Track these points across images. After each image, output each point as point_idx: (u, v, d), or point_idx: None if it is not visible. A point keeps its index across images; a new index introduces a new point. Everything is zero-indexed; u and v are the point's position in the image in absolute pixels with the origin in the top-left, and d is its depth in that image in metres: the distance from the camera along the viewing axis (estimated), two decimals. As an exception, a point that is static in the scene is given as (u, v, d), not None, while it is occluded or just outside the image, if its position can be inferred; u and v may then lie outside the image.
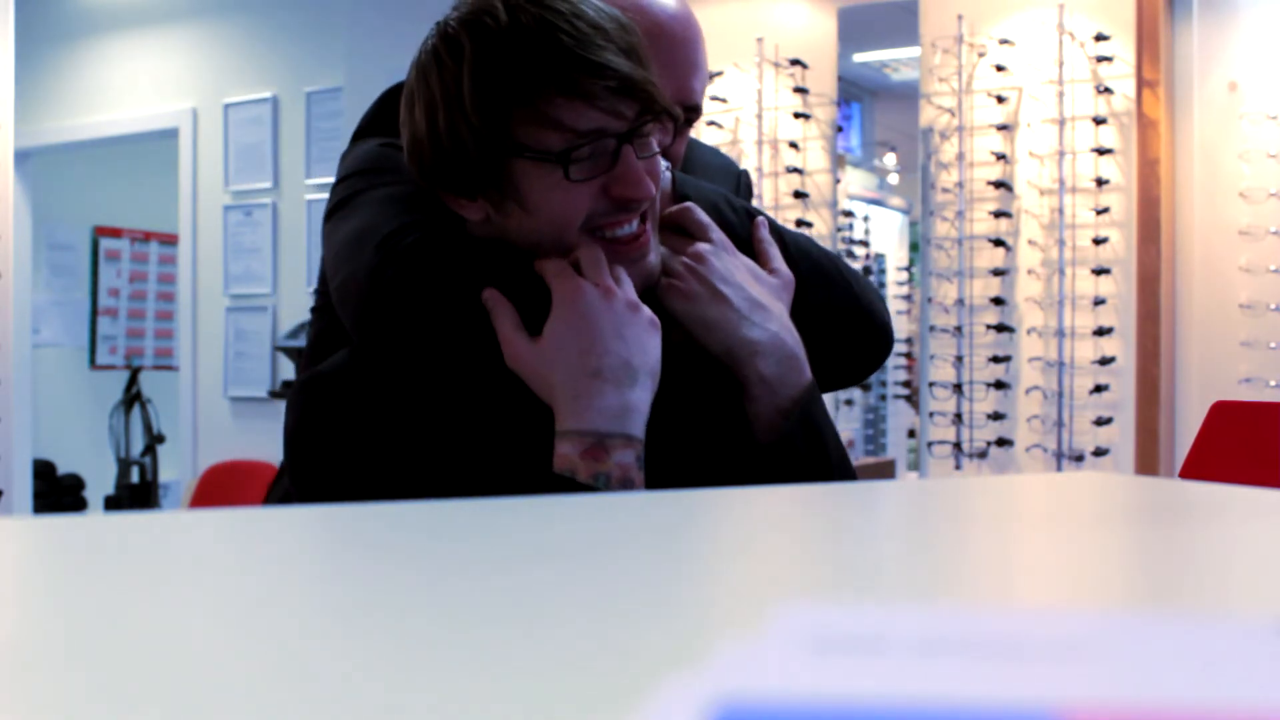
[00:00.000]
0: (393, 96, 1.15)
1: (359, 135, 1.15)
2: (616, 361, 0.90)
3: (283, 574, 0.40)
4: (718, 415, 0.98)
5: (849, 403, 4.61)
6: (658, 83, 0.94)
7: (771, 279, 1.04)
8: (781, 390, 0.97)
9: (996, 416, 3.64)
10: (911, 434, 4.90)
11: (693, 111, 1.15)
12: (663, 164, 1.01)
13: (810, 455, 0.97)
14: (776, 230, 1.10)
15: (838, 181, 4.02)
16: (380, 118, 1.15)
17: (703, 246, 1.00)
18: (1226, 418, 1.75)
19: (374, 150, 1.08)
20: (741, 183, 1.31)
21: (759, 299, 1.00)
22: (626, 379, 0.90)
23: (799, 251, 1.09)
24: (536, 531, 0.51)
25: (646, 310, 0.93)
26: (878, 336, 1.13)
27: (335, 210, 1.05)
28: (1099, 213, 3.48)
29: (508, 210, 0.94)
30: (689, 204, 1.04)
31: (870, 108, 5.22)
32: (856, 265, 4.69)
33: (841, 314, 1.10)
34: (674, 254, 1.00)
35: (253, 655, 0.29)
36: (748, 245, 1.07)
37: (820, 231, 3.97)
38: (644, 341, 0.92)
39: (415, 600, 0.35)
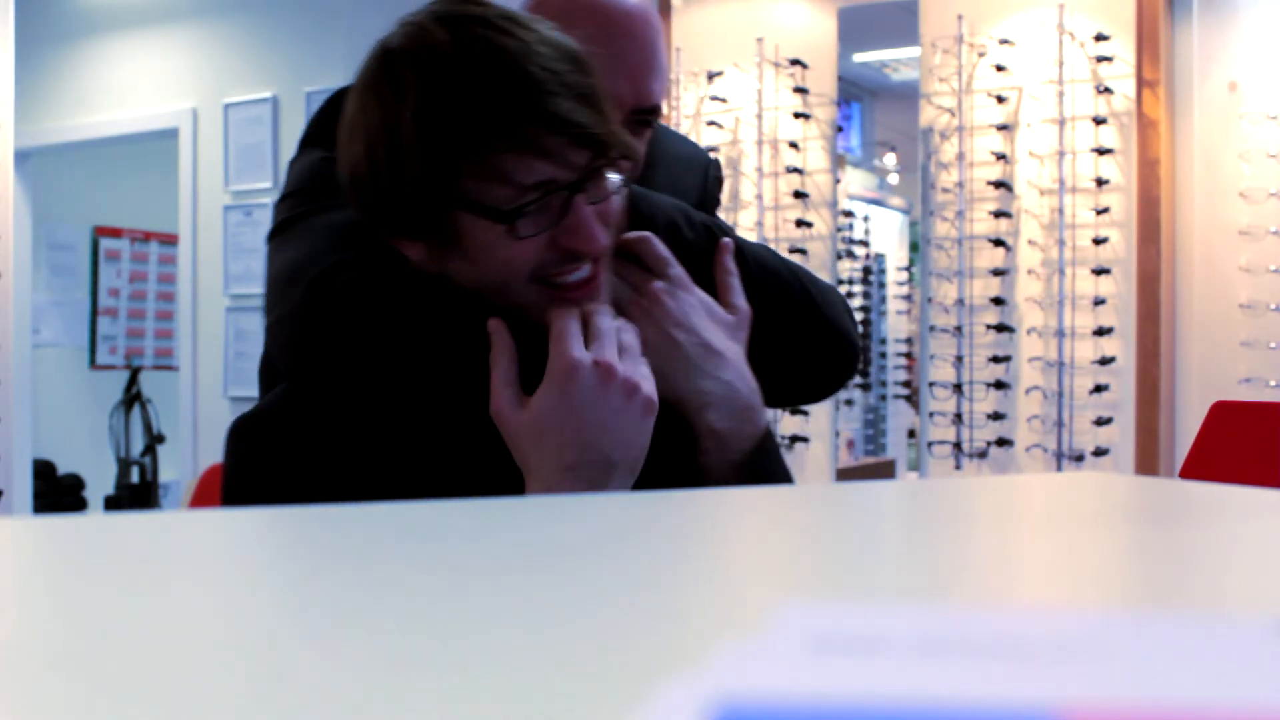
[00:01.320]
0: (340, 101, 1.10)
1: (306, 142, 1.10)
2: (596, 457, 0.85)
3: (283, 574, 0.40)
4: (672, 465, 0.93)
5: (849, 403, 4.61)
6: (615, 124, 0.89)
7: (728, 316, 0.98)
8: (733, 444, 0.93)
9: (996, 416, 3.64)
10: (911, 434, 4.90)
11: (652, 112, 1.11)
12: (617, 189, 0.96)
13: None
14: (737, 246, 1.05)
15: (838, 181, 4.02)
16: (327, 124, 1.09)
17: (658, 286, 0.95)
18: (1226, 418, 1.75)
19: (317, 165, 1.03)
20: (710, 174, 1.25)
21: (714, 344, 0.94)
22: (601, 476, 0.85)
23: (760, 269, 1.04)
24: (535, 531, 0.51)
25: (644, 391, 0.87)
26: (843, 354, 1.09)
27: (275, 234, 1.01)
28: (1099, 213, 3.48)
29: (449, 256, 0.89)
30: (647, 235, 0.97)
31: (870, 108, 5.22)
32: (856, 265, 4.70)
33: (806, 332, 1.06)
34: (627, 286, 0.95)
35: (253, 655, 0.29)
36: (707, 262, 1.01)
37: (820, 231, 3.97)
38: (632, 432, 0.87)
39: (414, 600, 0.35)
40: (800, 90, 3.97)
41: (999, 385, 3.63)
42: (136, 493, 6.10)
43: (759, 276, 1.03)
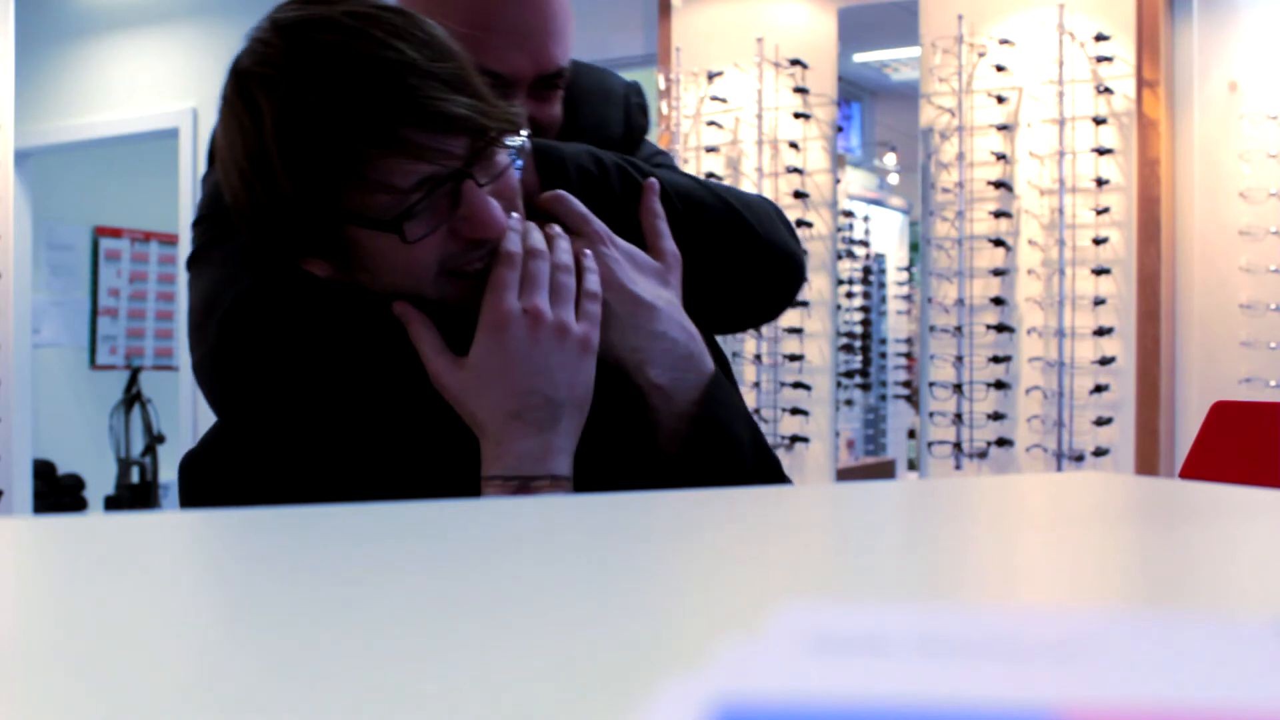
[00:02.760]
0: None
1: (213, 159, 1.07)
2: (539, 400, 0.85)
3: (283, 574, 0.40)
4: (627, 425, 0.92)
5: (849, 403, 4.61)
6: (489, 100, 0.85)
7: (655, 264, 0.96)
8: (679, 395, 0.91)
9: (996, 416, 3.64)
10: (911, 434, 4.90)
11: (557, 77, 1.06)
12: (523, 139, 0.92)
13: (721, 456, 0.91)
14: (661, 184, 1.01)
15: (838, 181, 4.02)
16: None
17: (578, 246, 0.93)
18: (1226, 418, 1.75)
19: (216, 192, 0.99)
20: (631, 104, 1.18)
21: (643, 297, 0.92)
22: (549, 418, 0.85)
23: (687, 202, 1.01)
24: (534, 531, 0.51)
25: (577, 331, 0.87)
26: (786, 269, 1.06)
27: (191, 263, 1.00)
28: (1099, 213, 3.48)
29: (351, 269, 0.87)
30: (559, 193, 0.94)
31: (870, 108, 5.22)
32: (856, 265, 4.70)
33: (744, 256, 1.03)
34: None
35: (253, 655, 0.29)
36: (629, 205, 0.98)
37: (820, 231, 3.97)
38: (571, 371, 0.87)
39: (413, 600, 0.35)
40: (800, 90, 3.97)
41: (999, 385, 3.63)
42: (136, 493, 6.10)
43: (686, 211, 1.01)
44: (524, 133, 0.92)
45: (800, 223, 3.96)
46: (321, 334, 0.90)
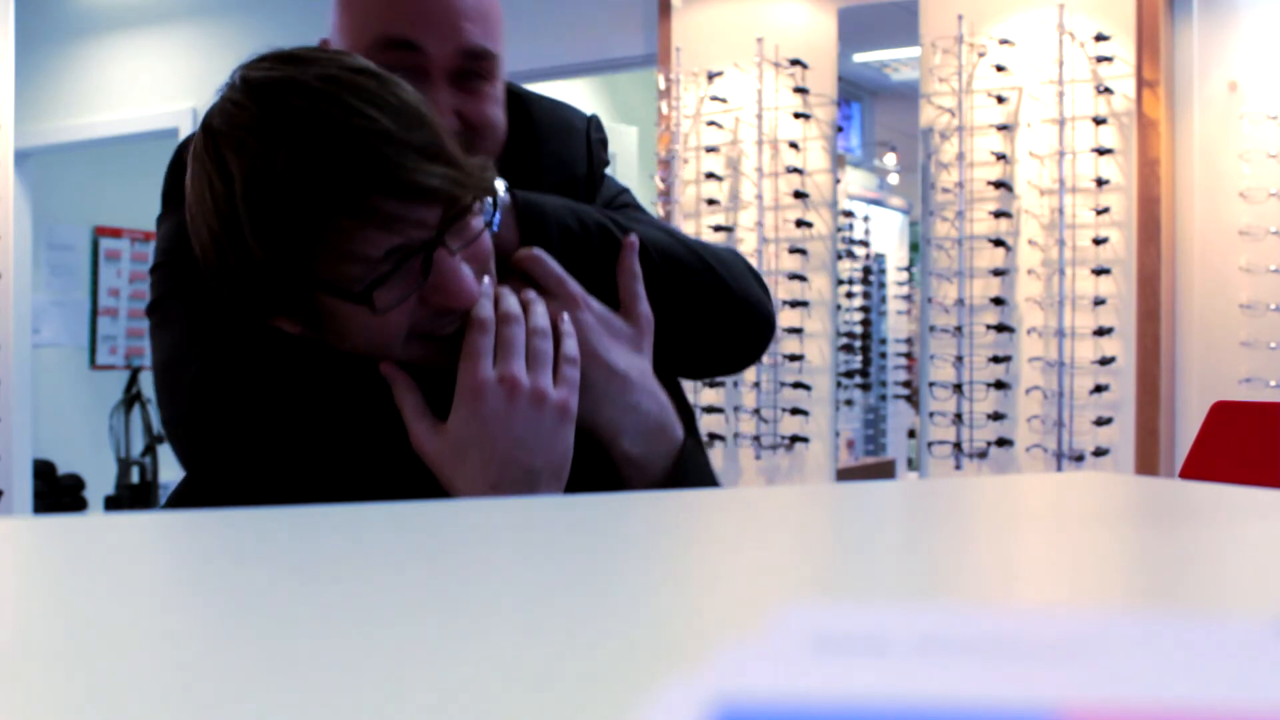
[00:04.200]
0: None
1: (168, 199, 1.04)
2: (516, 472, 0.85)
3: (283, 574, 0.40)
4: (601, 487, 0.91)
5: (849, 403, 4.61)
6: (466, 167, 0.83)
7: (629, 329, 0.94)
8: (650, 466, 0.92)
9: (996, 416, 3.64)
10: (911, 434, 4.90)
11: (481, 59, 1.00)
12: (500, 192, 0.89)
13: None
14: (634, 225, 1.00)
15: (838, 181, 4.02)
16: (183, 178, 1.04)
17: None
18: (1226, 418, 1.75)
19: (183, 232, 0.98)
20: (591, 139, 1.13)
21: (617, 366, 0.91)
22: (527, 487, 0.85)
23: (664, 258, 1.00)
24: (534, 532, 0.51)
25: (554, 398, 0.86)
26: (756, 324, 1.06)
27: (152, 310, 0.99)
28: (1099, 213, 3.48)
29: (321, 329, 0.86)
30: (535, 254, 0.92)
31: (870, 108, 5.22)
32: (856, 265, 4.70)
33: (717, 311, 1.02)
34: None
35: (252, 656, 0.29)
36: (606, 262, 0.97)
37: (820, 231, 3.97)
38: (548, 438, 0.86)
39: (414, 600, 0.35)
40: (800, 90, 3.97)
41: (999, 385, 3.63)
42: (136, 493, 6.10)
43: (663, 266, 1.00)
44: (502, 187, 0.91)
45: (800, 223, 3.97)
46: (294, 393, 0.89)
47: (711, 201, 4.08)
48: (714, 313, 1.03)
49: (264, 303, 0.85)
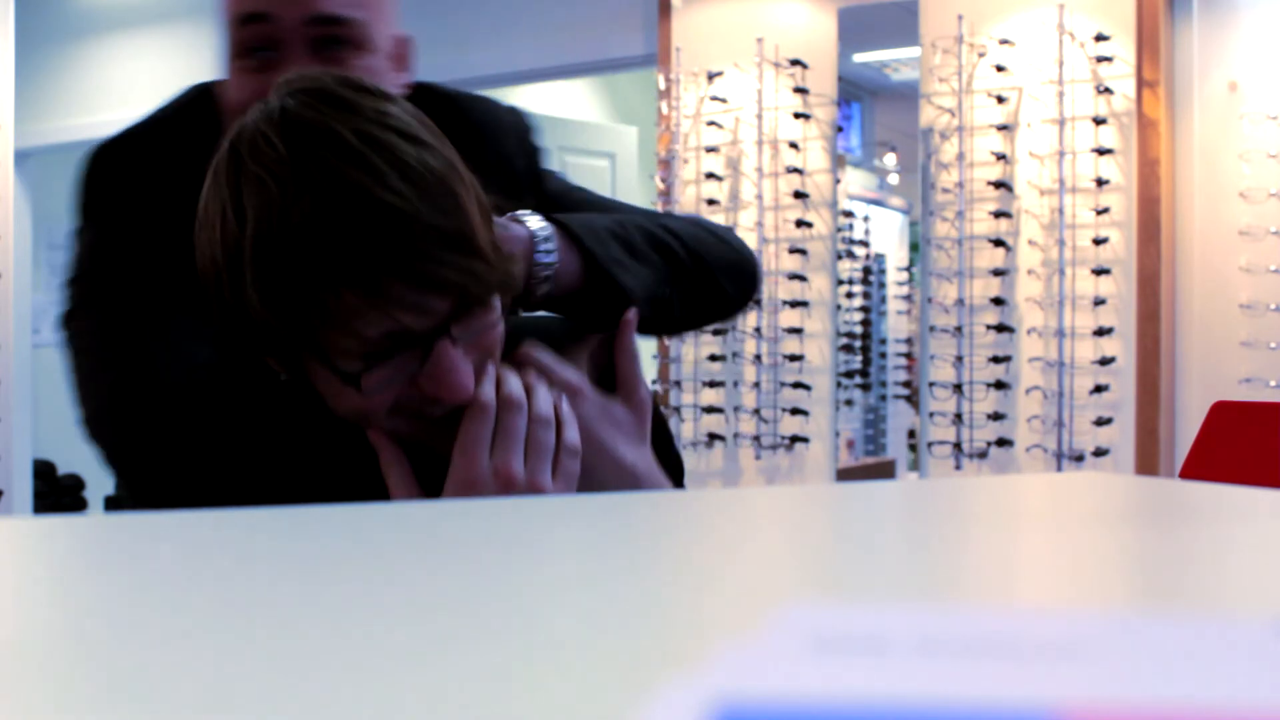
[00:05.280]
0: (105, 157, 1.02)
1: (85, 211, 1.02)
2: None
3: (284, 574, 0.40)
4: None
5: (849, 403, 4.61)
6: (489, 256, 0.78)
7: (630, 416, 0.91)
8: None
9: (996, 416, 3.64)
10: (911, 434, 4.90)
11: (338, 25, 0.97)
12: (540, 226, 0.85)
13: None
14: (664, 247, 0.97)
15: (838, 181, 4.02)
16: (97, 187, 1.01)
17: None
18: (1226, 418, 1.75)
19: (97, 250, 0.94)
20: (521, 129, 1.09)
21: (624, 461, 0.88)
22: None
23: (660, 249, 0.97)
24: (534, 532, 0.51)
25: (550, 494, 0.82)
26: (744, 279, 1.06)
27: (66, 322, 0.97)
28: (1099, 213, 3.48)
29: (308, 381, 0.82)
30: (525, 350, 0.87)
31: (870, 108, 5.22)
32: (856, 265, 4.70)
33: (707, 290, 1.02)
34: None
35: (253, 656, 0.29)
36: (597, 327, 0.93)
37: (820, 231, 3.97)
38: None
39: (413, 600, 0.35)
40: (800, 90, 3.97)
41: (999, 385, 3.63)
42: (136, 493, 6.09)
43: (667, 264, 0.98)
44: (540, 222, 0.87)
45: (800, 223, 3.97)
46: (212, 403, 0.88)
47: (711, 201, 4.08)
48: (707, 298, 1.03)
49: (254, 342, 0.81)
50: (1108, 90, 3.48)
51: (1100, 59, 3.49)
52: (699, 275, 1.01)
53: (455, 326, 0.79)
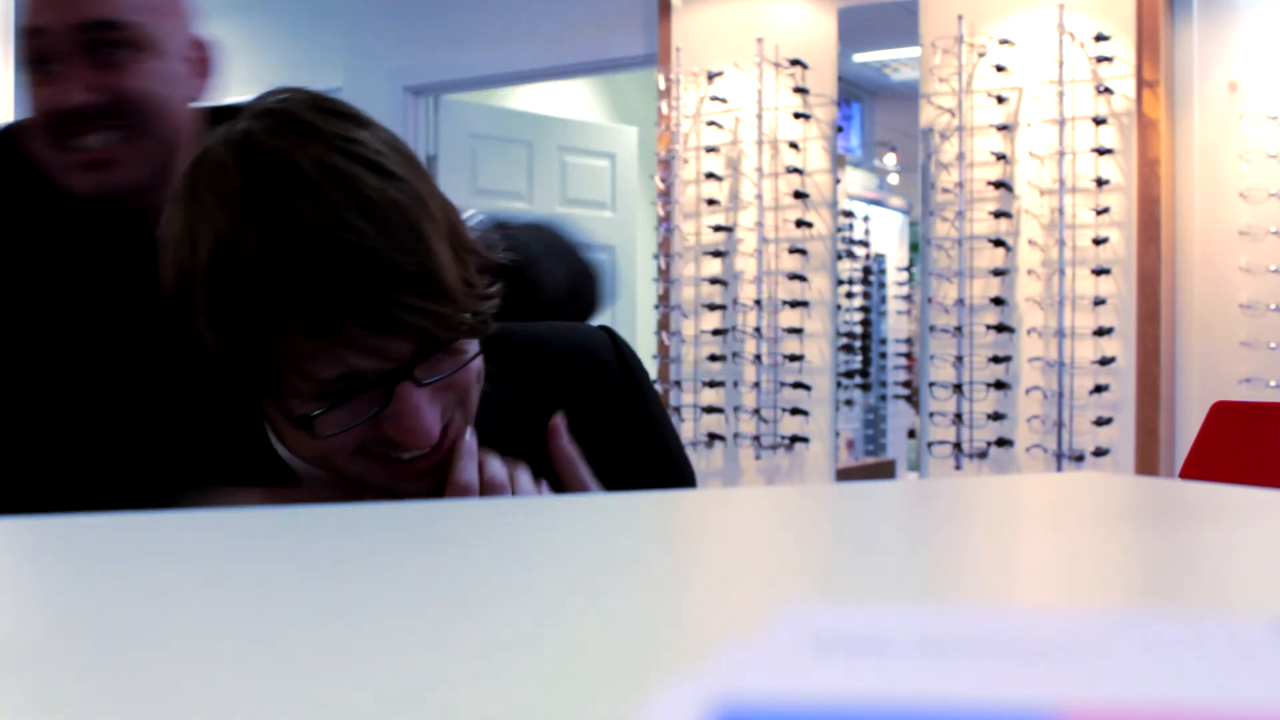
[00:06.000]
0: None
1: None
2: None
3: (284, 574, 0.40)
4: None
5: (849, 403, 4.61)
6: (458, 296, 0.73)
7: None
8: None
9: (996, 416, 3.64)
10: (911, 434, 4.90)
11: (109, 30, 0.95)
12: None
13: None
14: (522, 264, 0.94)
15: (838, 181, 4.02)
16: None
17: None
18: (1226, 418, 1.75)
19: None
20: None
21: None
22: None
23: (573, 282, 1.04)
24: (534, 532, 0.51)
25: None
26: (582, 301, 1.13)
27: None
28: (1099, 213, 3.48)
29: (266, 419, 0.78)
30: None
31: (870, 108, 5.22)
32: (856, 265, 4.70)
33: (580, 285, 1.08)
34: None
35: (253, 656, 0.29)
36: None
37: (820, 231, 3.97)
38: None
39: (413, 600, 0.35)
40: (800, 90, 3.97)
41: (999, 385, 3.63)
42: (136, 493, 6.09)
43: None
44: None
45: (800, 223, 3.97)
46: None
47: (711, 201, 4.08)
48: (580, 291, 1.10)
49: (213, 374, 0.76)
50: (1108, 90, 3.48)
51: (1100, 59, 3.49)
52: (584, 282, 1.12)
53: (419, 368, 0.74)
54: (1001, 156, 3.62)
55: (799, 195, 3.97)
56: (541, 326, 0.96)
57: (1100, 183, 3.48)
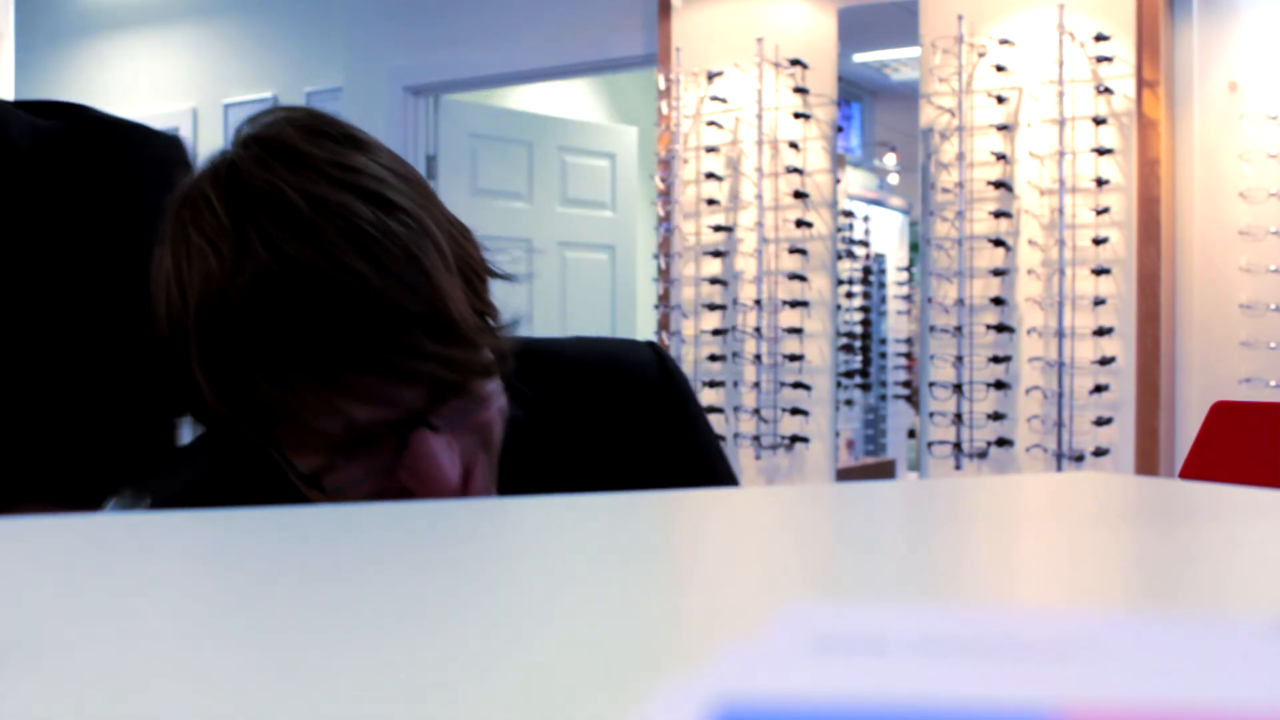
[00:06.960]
0: None
1: None
2: None
3: (284, 574, 0.40)
4: None
5: (849, 403, 4.61)
6: (469, 334, 0.66)
7: None
8: None
9: (996, 416, 3.64)
10: (911, 434, 4.90)
11: None
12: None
13: None
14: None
15: (838, 181, 4.02)
16: None
17: None
18: (1226, 418, 1.75)
19: None
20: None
21: None
22: None
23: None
24: (533, 532, 0.51)
25: None
26: None
27: None
28: (1099, 213, 3.48)
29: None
30: None
31: (870, 108, 5.22)
32: (856, 265, 4.70)
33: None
34: None
35: (254, 656, 0.29)
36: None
37: (820, 231, 3.97)
38: None
39: (413, 600, 0.35)
40: (800, 90, 3.97)
41: (999, 385, 3.63)
42: (136, 493, 6.09)
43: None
44: None
45: (800, 223, 3.97)
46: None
47: (711, 201, 4.08)
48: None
49: (215, 426, 0.70)
50: (1108, 90, 3.48)
51: (1100, 59, 3.49)
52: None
53: (434, 415, 0.68)
54: (1001, 156, 3.62)
55: (799, 195, 3.97)
56: (579, 341, 0.90)
57: (1100, 183, 3.48)
